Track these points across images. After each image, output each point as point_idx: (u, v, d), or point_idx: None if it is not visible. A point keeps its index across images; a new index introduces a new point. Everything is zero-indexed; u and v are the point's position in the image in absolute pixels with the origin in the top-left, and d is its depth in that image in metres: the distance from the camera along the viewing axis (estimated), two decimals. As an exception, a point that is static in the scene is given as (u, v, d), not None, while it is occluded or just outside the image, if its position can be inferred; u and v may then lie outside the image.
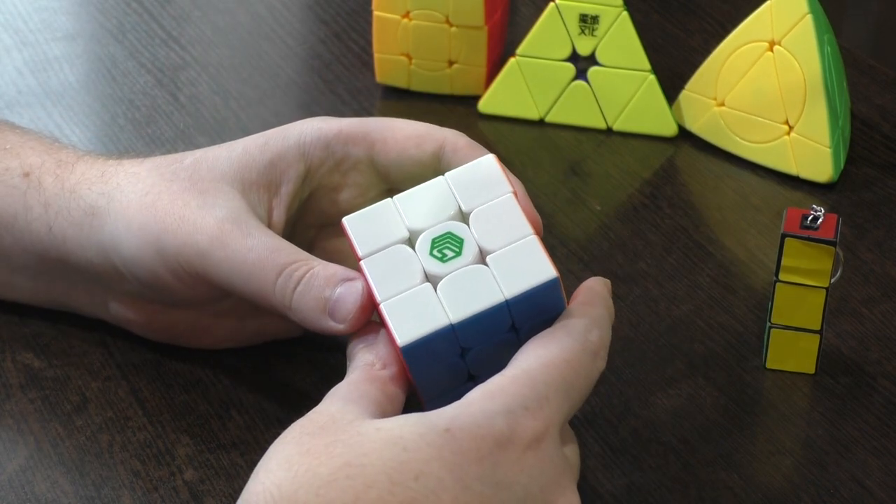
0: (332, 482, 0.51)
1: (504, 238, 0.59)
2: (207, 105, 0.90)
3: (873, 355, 0.72)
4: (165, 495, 0.63)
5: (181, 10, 1.00)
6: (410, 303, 0.58)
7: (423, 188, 0.61)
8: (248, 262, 0.62)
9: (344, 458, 0.52)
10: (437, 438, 0.53)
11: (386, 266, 0.59)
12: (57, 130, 0.87)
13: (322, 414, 0.55)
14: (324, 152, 0.66)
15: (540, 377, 0.56)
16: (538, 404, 0.55)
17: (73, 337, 0.71)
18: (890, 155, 0.88)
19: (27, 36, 0.97)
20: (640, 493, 0.64)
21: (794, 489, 0.65)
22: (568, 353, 0.57)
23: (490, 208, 0.60)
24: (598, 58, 0.87)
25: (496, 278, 0.58)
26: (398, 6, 0.89)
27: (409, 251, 0.59)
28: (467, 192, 0.60)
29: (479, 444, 0.53)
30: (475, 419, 0.54)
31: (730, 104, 0.86)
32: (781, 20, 0.83)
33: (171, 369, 0.69)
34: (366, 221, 0.60)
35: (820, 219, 0.68)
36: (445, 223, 0.59)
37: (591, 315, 0.59)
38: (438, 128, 0.66)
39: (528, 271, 0.58)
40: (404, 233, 0.60)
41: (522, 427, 0.54)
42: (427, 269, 0.58)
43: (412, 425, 0.53)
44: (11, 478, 0.64)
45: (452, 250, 0.59)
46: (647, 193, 0.85)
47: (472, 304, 0.57)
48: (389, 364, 0.58)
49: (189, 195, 0.65)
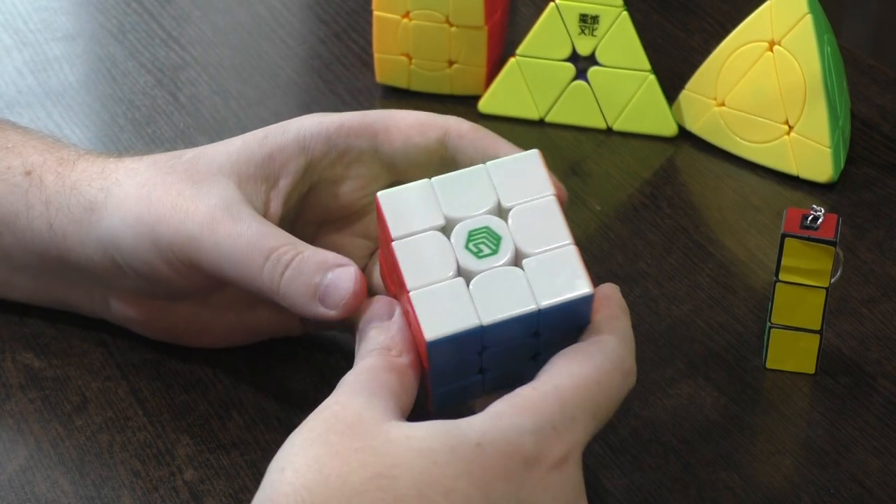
0: (363, 493, 0.51)
1: (542, 242, 0.58)
2: (207, 105, 0.90)
3: (873, 355, 0.72)
4: (165, 495, 0.63)
5: (181, 10, 1.00)
6: (441, 296, 0.57)
7: (462, 174, 0.59)
8: (238, 247, 0.62)
9: (375, 469, 0.52)
10: (467, 453, 0.52)
11: (419, 253, 0.57)
12: (57, 130, 0.87)
13: (348, 409, 0.54)
14: (325, 145, 0.66)
15: (570, 396, 0.55)
16: (566, 425, 0.54)
17: (73, 337, 0.71)
18: (890, 155, 0.88)
19: (27, 36, 0.97)
20: (640, 493, 0.64)
21: (794, 489, 0.65)
22: (600, 373, 0.56)
23: (531, 208, 0.58)
24: (598, 58, 0.87)
25: (531, 285, 0.57)
26: (398, 6, 0.89)
27: (444, 240, 0.58)
28: (508, 186, 0.59)
29: (508, 462, 0.53)
30: (505, 435, 0.53)
31: (730, 104, 0.86)
32: (781, 20, 0.83)
33: (171, 369, 0.69)
34: (401, 200, 0.58)
35: (820, 219, 0.68)
36: (484, 216, 0.58)
37: (622, 331, 0.58)
38: (440, 115, 0.66)
39: (565, 283, 0.57)
40: (440, 220, 0.58)
41: (549, 447, 0.54)
42: (461, 263, 0.57)
43: (443, 437, 0.53)
44: (11, 478, 0.64)
45: (489, 247, 0.58)
46: (647, 193, 0.85)
47: (504, 308, 0.56)
48: (406, 351, 0.58)
49: (183, 185, 0.64)
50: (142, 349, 0.70)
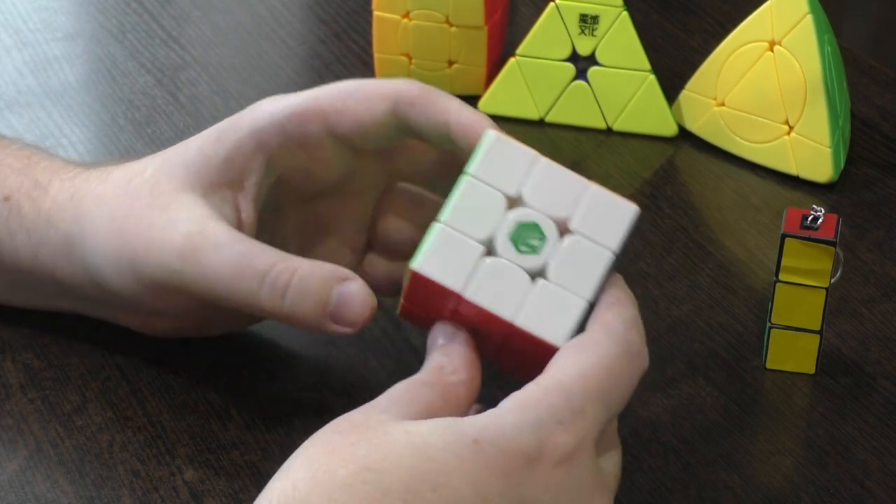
0: (347, 486, 0.50)
1: (568, 200, 0.58)
2: (207, 105, 0.90)
3: (873, 355, 0.72)
4: (165, 495, 0.63)
5: (181, 10, 1.00)
6: (541, 305, 0.57)
7: (460, 198, 0.58)
8: (226, 273, 0.61)
9: (364, 461, 0.51)
10: (463, 449, 0.51)
11: (490, 285, 0.57)
12: (57, 130, 0.87)
13: (362, 412, 0.54)
14: (280, 136, 0.64)
15: (576, 388, 0.54)
16: (572, 417, 0.53)
17: (73, 337, 0.71)
18: (890, 155, 0.88)
19: (27, 36, 0.97)
20: (640, 493, 0.64)
21: (794, 489, 0.65)
22: (607, 360, 0.55)
23: (534, 180, 0.58)
24: (598, 58, 0.87)
25: (593, 240, 0.57)
26: (398, 6, 0.89)
27: (500, 261, 0.57)
28: (501, 176, 0.58)
29: (507, 459, 0.52)
30: (505, 432, 0.52)
31: (730, 104, 0.86)
32: (782, 20, 0.83)
33: (171, 369, 0.69)
34: (437, 260, 0.58)
35: (820, 219, 0.68)
36: (509, 217, 0.58)
37: (627, 315, 0.57)
38: (389, 82, 0.64)
39: (615, 217, 0.58)
40: (480, 248, 0.58)
41: (553, 443, 0.53)
42: (527, 267, 0.57)
43: (441, 432, 0.52)
44: (11, 478, 0.64)
45: (536, 237, 0.58)
46: (647, 193, 0.85)
47: (591, 274, 0.57)
48: (460, 369, 0.57)
49: (152, 213, 0.64)
50: (142, 349, 0.70)
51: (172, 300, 0.65)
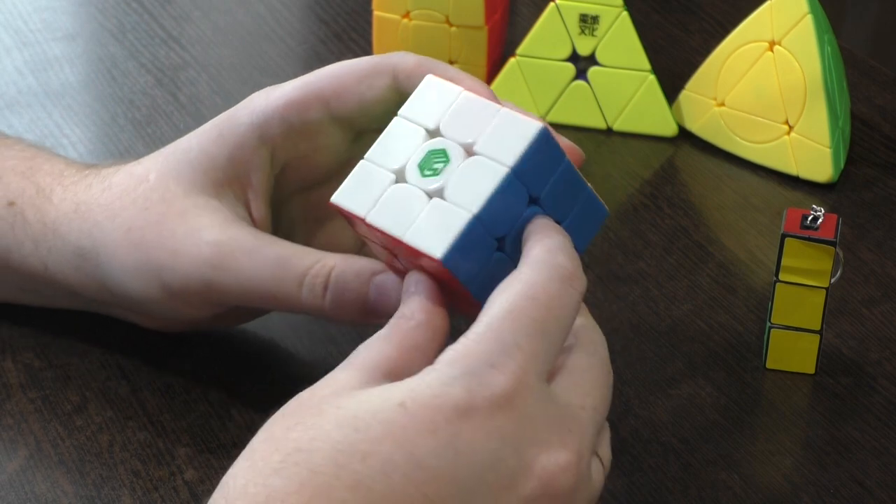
0: (280, 470, 0.49)
1: (479, 125, 0.58)
2: (207, 105, 0.90)
3: (873, 355, 0.72)
4: (165, 495, 0.63)
5: (181, 10, 1.00)
6: (429, 221, 0.57)
7: (386, 135, 0.60)
8: (263, 279, 0.61)
9: (296, 443, 0.50)
10: (389, 414, 0.50)
11: (390, 209, 0.58)
12: (57, 130, 0.87)
13: (311, 389, 0.53)
14: (282, 127, 0.64)
15: (504, 326, 0.52)
16: (507, 356, 0.51)
17: (73, 337, 0.71)
18: (890, 155, 0.88)
19: (27, 36, 0.97)
20: (640, 493, 0.64)
21: (794, 489, 0.65)
22: (533, 288, 0.53)
23: (452, 113, 0.59)
24: (598, 58, 0.87)
25: (491, 157, 0.57)
26: (398, 6, 0.89)
27: (404, 186, 0.58)
28: (425, 113, 0.59)
29: (434, 416, 0.50)
30: (431, 389, 0.50)
31: (730, 104, 0.86)
32: (781, 20, 0.83)
33: (171, 369, 0.69)
34: (351, 191, 0.59)
35: (820, 219, 0.68)
36: (421, 147, 0.59)
37: (552, 242, 0.55)
38: (384, 56, 0.64)
39: (516, 135, 0.57)
40: (391, 176, 0.58)
41: (486, 386, 0.51)
42: (428, 189, 0.58)
43: (370, 401, 0.51)
44: (11, 478, 0.64)
45: (440, 161, 0.58)
46: (647, 193, 0.85)
47: (482, 190, 0.56)
48: (416, 312, 0.55)
49: (171, 223, 0.63)
50: (142, 349, 0.70)
51: (201, 305, 0.65)
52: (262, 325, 0.72)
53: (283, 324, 0.72)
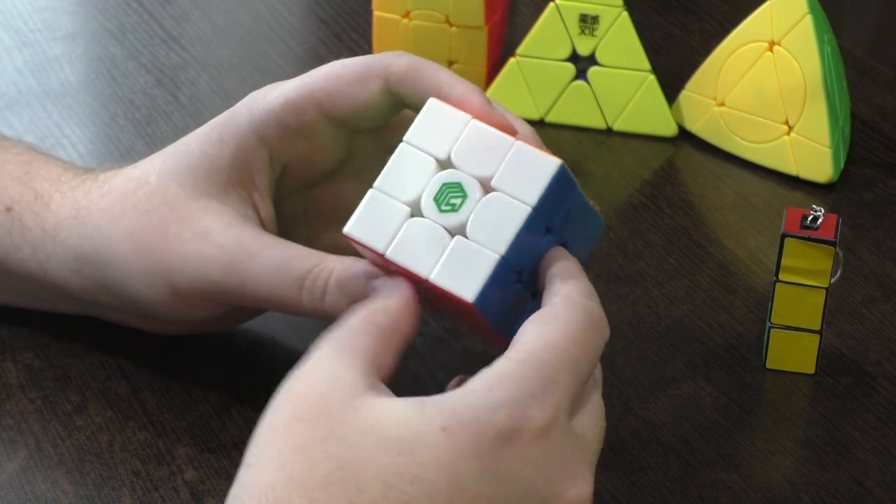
0: (325, 486, 0.50)
1: (494, 158, 0.58)
2: (207, 105, 0.90)
3: (873, 355, 0.72)
4: (165, 495, 0.63)
5: (181, 10, 1.00)
6: (454, 261, 0.57)
7: (392, 164, 0.60)
8: (266, 282, 0.62)
9: (338, 462, 0.51)
10: (433, 439, 0.51)
11: (410, 246, 0.58)
12: (57, 130, 0.87)
13: (314, 388, 0.53)
14: (279, 128, 0.64)
15: (546, 359, 0.54)
16: (545, 391, 0.53)
17: (73, 337, 0.71)
18: (890, 155, 0.88)
19: (27, 36, 0.97)
20: (640, 493, 0.64)
21: (794, 489, 0.65)
22: (573, 330, 0.55)
23: (463, 143, 0.59)
24: (598, 58, 0.87)
25: (512, 195, 0.57)
26: (398, 6, 0.89)
27: (422, 221, 0.58)
28: (433, 142, 0.59)
29: (479, 441, 0.52)
30: (475, 414, 0.52)
31: (730, 104, 0.86)
32: (781, 20, 0.83)
33: (171, 369, 0.69)
34: (365, 222, 0.59)
35: (820, 219, 0.68)
36: (434, 179, 0.59)
37: (583, 285, 0.57)
38: (377, 57, 0.64)
39: (535, 172, 0.58)
40: (406, 209, 0.59)
41: (529, 418, 0.52)
42: (448, 226, 0.58)
43: (410, 423, 0.52)
44: (11, 478, 0.64)
45: (457, 196, 0.58)
46: (646, 194, 0.85)
47: (507, 229, 0.57)
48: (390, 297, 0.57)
49: (177, 227, 0.63)
50: (142, 349, 0.70)
51: (205, 306, 0.65)
52: (263, 325, 0.72)
53: (283, 324, 0.72)
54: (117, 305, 0.67)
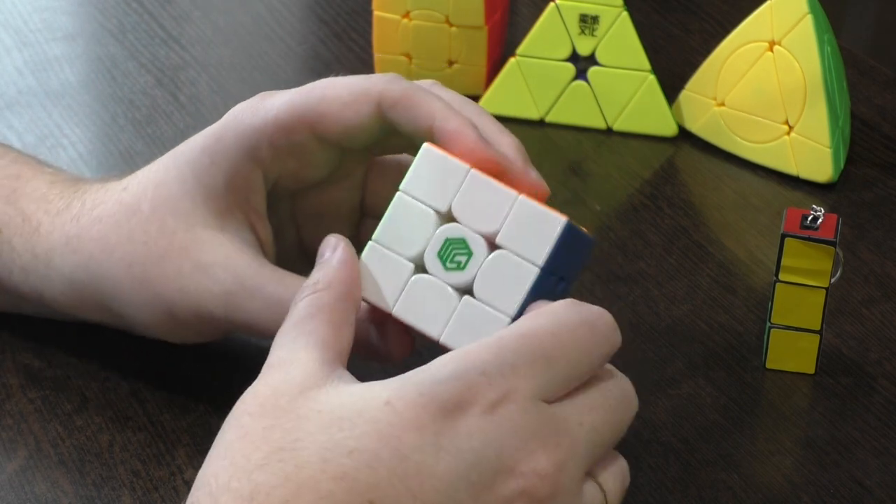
0: (263, 465, 0.50)
1: (497, 214, 0.57)
2: (207, 105, 0.90)
3: (873, 355, 0.72)
4: (166, 495, 0.63)
5: (181, 10, 1.00)
6: (464, 323, 0.57)
7: (390, 215, 0.59)
8: (266, 319, 0.62)
9: (279, 444, 0.51)
10: (376, 413, 0.51)
11: (417, 305, 0.58)
12: (57, 130, 0.87)
13: (266, 385, 0.53)
14: (270, 150, 0.63)
15: (510, 345, 0.53)
16: (499, 371, 0.52)
17: (73, 337, 0.71)
18: (890, 155, 0.88)
19: (27, 36, 0.97)
20: (640, 493, 0.64)
21: (794, 489, 0.65)
22: (557, 327, 0.54)
23: (463, 195, 0.58)
24: (598, 58, 0.87)
25: (519, 254, 0.57)
26: (398, 6, 0.89)
27: (428, 279, 0.58)
28: (431, 193, 0.58)
29: (420, 413, 0.51)
30: (420, 387, 0.52)
31: (730, 104, 0.86)
32: (781, 20, 0.83)
33: (171, 369, 0.69)
34: (368, 278, 0.58)
35: (820, 219, 0.68)
36: (437, 233, 0.58)
37: (596, 308, 0.56)
38: (372, 80, 0.62)
39: (541, 230, 0.57)
40: (409, 266, 0.58)
41: (476, 392, 0.52)
42: (453, 284, 0.57)
43: (353, 402, 0.52)
44: (11, 478, 0.64)
45: (462, 253, 0.58)
46: (646, 193, 0.85)
47: (516, 291, 0.57)
48: (333, 283, 0.57)
49: (176, 260, 0.63)
50: (142, 349, 0.70)
51: (208, 332, 0.65)
52: (262, 325, 0.72)
53: (283, 324, 0.72)
54: (117, 324, 0.67)
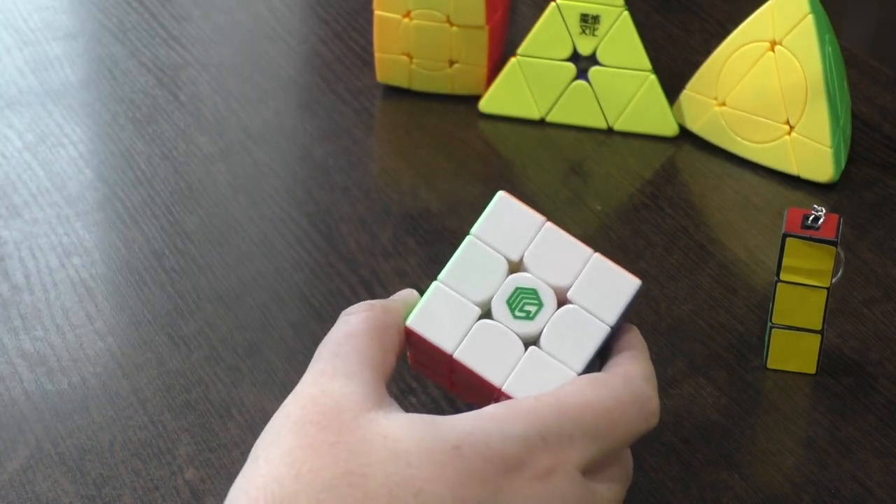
0: (332, 488, 0.51)
1: (570, 267, 0.57)
2: (208, 104, 0.90)
3: (874, 355, 0.72)
4: (166, 495, 0.63)
5: (182, 10, 1.00)
6: (529, 373, 0.57)
7: (459, 258, 0.58)
8: None
9: (348, 466, 0.51)
10: (443, 456, 0.52)
11: (480, 349, 0.57)
12: (58, 129, 0.87)
13: (326, 395, 0.54)
14: None
15: (571, 414, 0.54)
16: (557, 439, 0.54)
17: (74, 336, 0.71)
18: (890, 155, 0.88)
19: (28, 35, 0.97)
20: (640, 493, 0.64)
21: (794, 489, 0.65)
22: (613, 402, 0.55)
23: (537, 247, 0.58)
24: (598, 58, 0.87)
25: (590, 311, 0.57)
26: (399, 6, 0.89)
27: (494, 325, 0.57)
28: (504, 240, 0.58)
29: (487, 466, 0.52)
30: (489, 439, 0.53)
31: (731, 104, 0.86)
32: (782, 20, 0.83)
33: (171, 369, 0.69)
34: (430, 317, 0.58)
35: (821, 219, 0.68)
36: (508, 281, 0.58)
37: (648, 369, 0.58)
38: None
39: (614, 290, 0.57)
40: (476, 311, 0.58)
41: (534, 457, 0.53)
42: (520, 333, 0.57)
43: (420, 439, 0.52)
44: (12, 477, 0.64)
45: (532, 304, 0.57)
46: (647, 193, 0.85)
47: (584, 347, 0.57)
48: (390, 308, 0.57)
49: None
50: (142, 349, 0.70)
51: None
52: (263, 325, 0.72)
53: (284, 323, 0.72)
54: None
